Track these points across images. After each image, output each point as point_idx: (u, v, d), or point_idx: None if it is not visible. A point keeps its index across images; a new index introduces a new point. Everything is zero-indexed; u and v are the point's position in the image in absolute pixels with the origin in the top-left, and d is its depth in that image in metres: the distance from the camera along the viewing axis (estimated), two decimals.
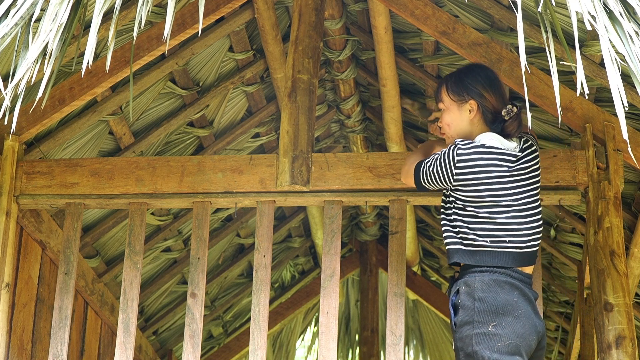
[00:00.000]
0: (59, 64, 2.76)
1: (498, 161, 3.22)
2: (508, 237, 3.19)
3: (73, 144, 4.41)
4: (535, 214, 3.24)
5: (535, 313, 3.17)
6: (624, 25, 2.67)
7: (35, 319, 4.30)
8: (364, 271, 6.70)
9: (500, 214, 3.20)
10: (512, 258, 3.18)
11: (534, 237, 3.23)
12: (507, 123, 3.28)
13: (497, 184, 3.21)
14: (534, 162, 3.29)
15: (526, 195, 3.24)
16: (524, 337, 3.10)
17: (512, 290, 3.14)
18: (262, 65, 4.86)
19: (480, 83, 3.31)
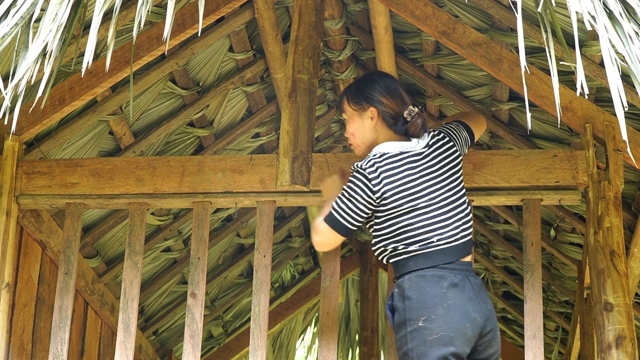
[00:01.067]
0: (59, 64, 2.76)
1: (402, 165, 3.27)
2: (436, 237, 3.21)
3: (73, 144, 4.41)
4: (458, 206, 3.27)
5: (471, 300, 3.15)
6: (624, 25, 2.67)
7: (36, 319, 4.30)
8: (364, 271, 6.70)
9: (421, 216, 3.23)
10: (445, 254, 3.20)
11: (463, 228, 3.25)
12: (410, 123, 3.35)
13: (409, 188, 3.25)
14: (447, 154, 3.33)
15: (444, 189, 3.27)
16: (455, 327, 3.10)
17: (439, 282, 3.15)
18: (262, 65, 4.86)
19: (377, 90, 3.40)
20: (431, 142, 3.34)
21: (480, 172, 3.62)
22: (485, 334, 3.17)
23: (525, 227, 3.59)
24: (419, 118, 3.36)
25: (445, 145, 3.36)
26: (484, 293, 3.24)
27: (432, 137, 3.36)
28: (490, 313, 3.20)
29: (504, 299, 6.31)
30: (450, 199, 3.27)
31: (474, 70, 4.62)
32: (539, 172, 3.59)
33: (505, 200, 3.67)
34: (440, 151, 3.33)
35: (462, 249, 3.24)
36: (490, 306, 3.23)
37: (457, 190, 3.30)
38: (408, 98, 3.42)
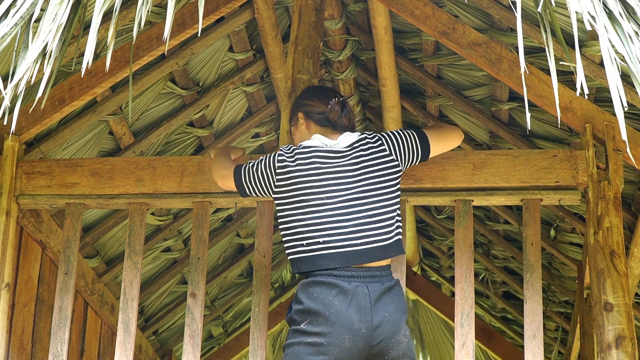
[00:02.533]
0: (59, 64, 2.76)
1: (313, 158, 3.28)
2: (322, 238, 3.17)
3: (73, 144, 4.41)
4: (371, 209, 3.21)
5: (361, 310, 3.08)
6: (624, 25, 2.67)
7: (35, 319, 4.30)
8: None
9: (313, 213, 3.20)
10: (332, 259, 3.15)
11: (373, 234, 3.18)
12: (328, 112, 3.39)
13: (308, 182, 3.24)
14: (373, 158, 3.31)
15: (354, 191, 3.23)
16: (332, 337, 3.05)
17: (328, 288, 3.10)
18: (262, 65, 4.86)
19: (301, 98, 3.53)
20: (357, 144, 3.32)
21: (480, 172, 3.62)
22: (375, 344, 3.10)
23: (525, 227, 3.59)
24: (337, 105, 3.40)
25: (375, 149, 3.33)
26: (389, 300, 3.15)
27: (362, 140, 3.34)
28: (386, 321, 3.11)
29: (504, 299, 6.32)
30: (360, 201, 3.21)
31: (474, 70, 4.62)
32: (539, 172, 3.59)
33: (505, 200, 3.67)
34: (365, 154, 3.31)
35: (365, 254, 3.16)
36: (391, 314, 3.13)
37: (376, 194, 3.24)
38: (334, 94, 3.46)
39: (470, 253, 3.58)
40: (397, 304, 3.16)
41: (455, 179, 3.62)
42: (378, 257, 3.18)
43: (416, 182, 3.64)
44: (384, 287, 3.15)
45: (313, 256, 3.17)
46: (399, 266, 3.60)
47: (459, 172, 3.63)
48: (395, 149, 3.36)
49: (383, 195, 3.26)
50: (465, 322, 3.50)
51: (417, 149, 3.41)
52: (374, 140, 3.35)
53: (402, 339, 3.13)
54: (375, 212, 3.22)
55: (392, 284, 3.18)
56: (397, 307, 3.15)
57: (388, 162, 3.32)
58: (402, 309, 3.17)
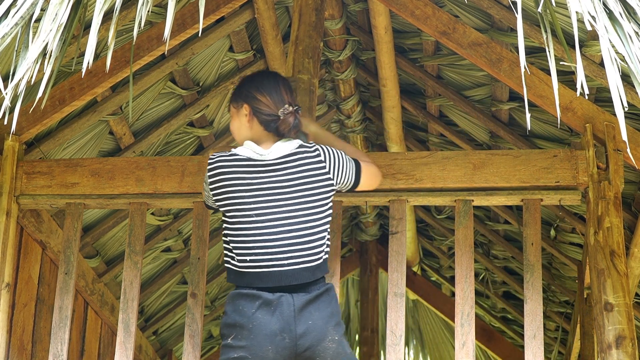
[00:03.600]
0: (59, 64, 2.76)
1: (240, 172, 3.15)
2: (250, 257, 3.11)
3: (73, 144, 4.41)
4: (299, 230, 3.12)
5: (285, 320, 3.06)
6: (624, 25, 2.67)
7: (36, 319, 4.30)
8: (364, 271, 6.71)
9: (243, 230, 3.13)
10: (259, 278, 3.10)
11: (294, 255, 3.11)
12: (280, 121, 3.19)
13: (236, 198, 3.14)
14: (310, 174, 3.17)
15: (287, 208, 3.13)
16: (255, 349, 3.04)
17: (252, 301, 3.08)
18: (262, 65, 4.86)
19: (254, 87, 3.25)
20: (293, 156, 3.17)
21: (480, 172, 3.62)
22: (301, 352, 3.08)
23: (525, 227, 3.59)
24: (290, 116, 3.18)
25: (313, 163, 3.18)
26: (315, 308, 3.11)
27: (300, 152, 3.18)
28: (310, 329, 3.08)
29: (504, 299, 6.32)
30: (290, 220, 3.12)
31: (474, 70, 4.62)
32: (539, 172, 3.59)
33: (505, 200, 3.67)
34: (300, 168, 3.17)
35: (292, 275, 3.10)
36: (316, 322, 3.09)
37: (307, 213, 3.13)
38: (290, 98, 3.24)
39: (470, 253, 3.58)
40: (322, 311, 3.10)
41: (455, 179, 3.62)
42: (305, 278, 3.11)
43: (416, 182, 3.64)
44: (310, 296, 3.10)
45: (241, 272, 3.13)
46: (399, 267, 3.61)
47: (459, 172, 3.63)
48: (333, 167, 3.21)
49: (315, 214, 3.15)
50: (466, 322, 3.50)
51: (351, 177, 3.28)
52: (314, 154, 3.19)
53: (329, 345, 3.10)
54: (305, 232, 3.13)
55: (319, 292, 3.12)
56: (323, 313, 3.10)
57: (324, 180, 3.18)
58: (328, 315, 3.11)
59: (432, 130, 5.33)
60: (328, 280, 3.62)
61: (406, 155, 3.70)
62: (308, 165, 3.18)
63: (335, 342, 3.12)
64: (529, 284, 3.51)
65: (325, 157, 3.20)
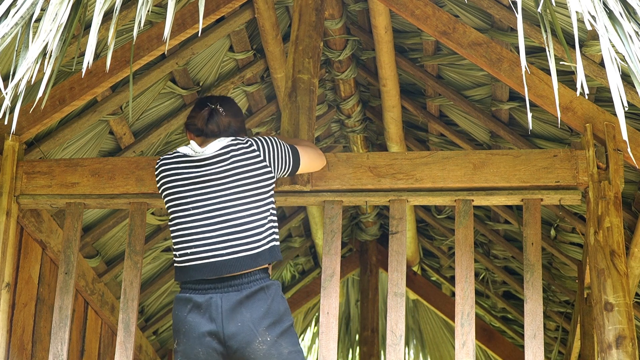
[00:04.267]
0: (59, 63, 2.76)
1: (179, 168, 3.27)
2: (191, 249, 3.17)
3: (73, 144, 4.41)
4: (236, 218, 3.18)
5: (213, 321, 3.10)
6: (624, 25, 2.67)
7: (36, 318, 4.30)
8: (364, 271, 6.70)
9: (183, 224, 3.22)
10: (198, 271, 3.16)
11: (233, 244, 3.16)
12: (199, 122, 3.34)
13: (176, 193, 3.25)
14: (245, 164, 3.25)
15: (221, 199, 3.20)
16: (187, 352, 3.12)
17: (184, 305, 3.15)
18: (262, 65, 4.86)
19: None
20: (227, 149, 3.26)
21: (480, 172, 3.62)
22: (232, 354, 3.11)
23: (525, 227, 3.59)
24: (205, 111, 3.34)
25: (247, 154, 3.28)
26: (246, 308, 3.13)
27: (233, 145, 3.28)
28: (239, 331, 3.10)
29: (504, 299, 6.32)
30: (226, 210, 3.19)
31: (474, 70, 4.62)
32: (539, 172, 3.59)
33: (505, 200, 3.67)
34: (235, 159, 3.26)
35: (232, 264, 3.14)
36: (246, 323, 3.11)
37: (244, 202, 3.20)
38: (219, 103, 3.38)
39: (470, 253, 3.58)
40: (254, 311, 3.12)
41: (455, 179, 3.62)
42: (246, 266, 3.15)
43: (416, 182, 3.64)
44: (241, 296, 3.13)
45: (184, 267, 3.20)
46: (399, 266, 3.61)
47: (459, 172, 3.63)
48: (268, 155, 3.31)
49: (254, 202, 3.22)
50: (466, 322, 3.50)
51: (289, 161, 3.38)
52: (247, 145, 3.29)
53: (258, 346, 3.10)
54: (243, 221, 3.18)
55: (252, 290, 3.13)
56: (254, 314, 3.12)
57: (260, 168, 3.27)
58: (260, 315, 3.12)
59: (432, 130, 5.33)
60: (328, 280, 3.62)
61: (406, 155, 3.70)
62: (242, 156, 3.27)
63: (266, 343, 3.11)
64: (529, 284, 3.51)
65: (259, 146, 3.31)
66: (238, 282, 3.15)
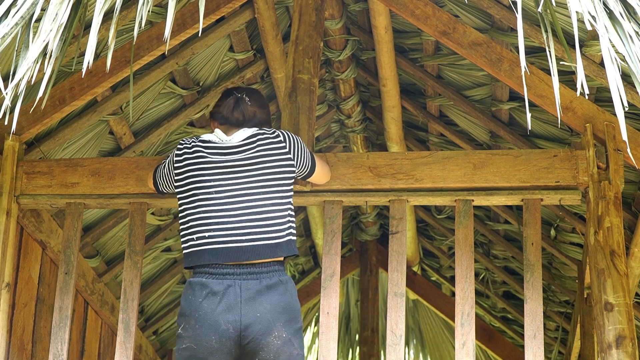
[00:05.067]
0: (59, 64, 2.76)
1: (205, 153, 3.27)
2: (208, 232, 3.17)
3: (73, 144, 4.41)
4: (258, 206, 3.19)
5: (230, 310, 3.07)
6: (624, 25, 2.67)
7: (36, 318, 4.31)
8: (364, 271, 6.71)
9: (201, 207, 3.20)
10: (216, 255, 3.15)
11: (253, 232, 3.16)
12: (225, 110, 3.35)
13: (197, 176, 3.24)
14: (271, 155, 3.26)
15: (244, 186, 3.21)
16: (200, 340, 3.08)
17: (200, 290, 3.12)
18: (262, 65, 4.86)
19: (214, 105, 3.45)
20: (253, 138, 3.28)
21: (480, 172, 3.62)
22: (245, 344, 3.08)
23: (525, 227, 3.59)
24: (231, 100, 3.36)
25: (274, 144, 3.29)
26: (266, 299, 3.10)
27: (260, 134, 3.30)
28: (257, 321, 3.08)
29: (504, 299, 6.32)
30: (250, 197, 3.20)
31: (474, 70, 4.62)
32: (539, 172, 3.59)
33: (505, 200, 3.67)
34: (261, 148, 3.27)
35: (250, 251, 3.14)
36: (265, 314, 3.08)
37: (268, 191, 3.21)
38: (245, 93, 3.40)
39: (470, 253, 3.58)
40: (274, 304, 3.10)
41: (455, 179, 3.62)
42: (264, 255, 3.15)
43: (416, 182, 3.64)
44: (261, 286, 3.11)
45: (199, 250, 3.18)
46: (399, 266, 3.61)
47: (459, 172, 3.63)
48: (293, 150, 3.33)
49: (276, 192, 3.23)
50: (466, 322, 3.50)
51: (309, 163, 3.40)
52: (274, 136, 3.30)
53: (273, 341, 3.08)
54: (265, 210, 3.19)
55: (272, 282, 3.12)
56: (274, 306, 3.10)
57: (285, 160, 3.29)
58: (279, 309, 3.10)
59: (432, 130, 5.33)
60: (328, 280, 3.62)
61: (406, 155, 3.70)
62: (268, 145, 3.28)
63: (281, 339, 3.09)
64: (529, 284, 3.51)
65: (286, 139, 3.32)
66: (257, 270, 3.13)
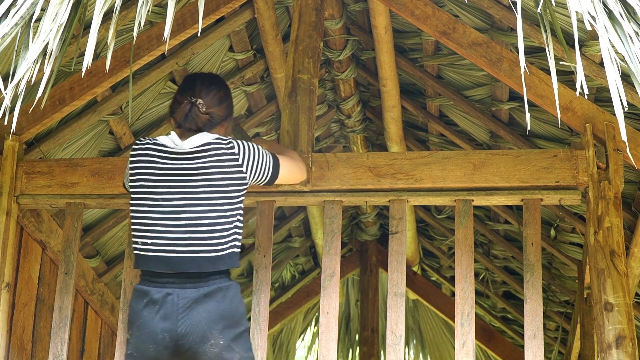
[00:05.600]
0: (59, 63, 2.76)
1: (155, 157, 3.22)
2: (152, 239, 3.15)
3: (73, 144, 4.41)
4: (202, 217, 3.15)
5: (167, 318, 3.08)
6: (624, 25, 2.67)
7: (36, 318, 4.31)
8: (364, 271, 6.71)
9: (148, 213, 3.18)
10: (158, 262, 3.14)
11: (194, 243, 3.13)
12: (178, 116, 3.26)
13: (146, 180, 3.21)
14: (221, 165, 3.20)
15: (191, 195, 3.17)
16: (140, 347, 3.10)
17: (141, 298, 3.13)
18: (262, 65, 4.86)
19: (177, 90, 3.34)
20: (206, 146, 3.20)
21: (480, 172, 3.62)
22: (183, 352, 3.09)
23: (525, 227, 3.59)
24: (186, 106, 3.24)
25: (226, 155, 3.21)
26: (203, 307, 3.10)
27: (214, 143, 3.21)
28: (193, 330, 3.07)
29: (504, 299, 6.32)
30: (195, 207, 3.15)
31: (474, 70, 4.62)
32: (539, 172, 3.59)
33: (505, 200, 3.67)
34: (212, 158, 3.20)
35: (189, 262, 3.12)
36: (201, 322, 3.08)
37: (214, 202, 3.16)
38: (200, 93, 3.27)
39: (470, 253, 3.58)
40: (210, 312, 3.10)
41: (455, 179, 3.62)
42: (203, 267, 3.13)
43: (416, 182, 3.64)
44: (198, 294, 3.11)
45: (143, 256, 3.18)
46: (399, 266, 3.61)
47: (459, 172, 3.63)
48: (246, 160, 3.25)
49: (222, 204, 3.18)
50: (466, 322, 3.50)
51: (267, 171, 3.32)
52: (228, 147, 3.22)
53: (210, 349, 3.07)
54: (208, 222, 3.16)
55: (210, 290, 3.11)
56: (211, 314, 3.09)
57: (236, 173, 3.21)
58: (216, 317, 3.10)
59: (432, 130, 5.33)
60: (328, 280, 3.62)
61: (406, 155, 3.70)
62: (220, 156, 3.21)
63: (219, 346, 3.09)
64: (529, 284, 3.51)
65: (239, 150, 3.24)
66: (196, 280, 3.13)
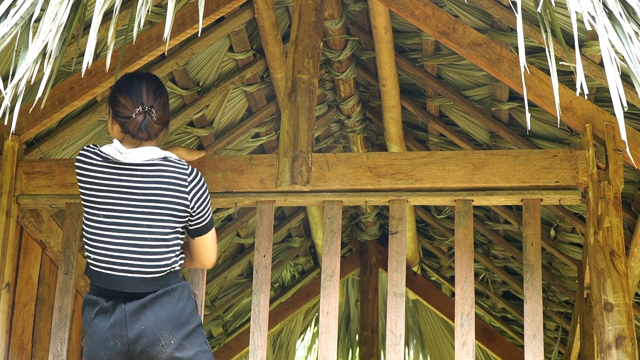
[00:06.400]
0: (59, 64, 2.76)
1: (99, 167, 3.19)
2: (96, 256, 3.16)
3: (73, 144, 4.41)
4: (142, 238, 3.14)
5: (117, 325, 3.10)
6: (624, 25, 2.67)
7: (35, 319, 4.30)
8: (364, 271, 6.71)
9: (96, 228, 3.18)
10: (103, 279, 3.15)
11: (130, 263, 3.14)
12: (129, 121, 3.20)
13: (91, 193, 3.19)
14: (170, 183, 3.17)
15: (137, 212, 3.15)
16: (93, 355, 3.15)
17: (92, 307, 3.17)
18: (262, 65, 4.86)
19: (117, 87, 3.27)
20: (159, 164, 3.19)
21: (480, 172, 3.62)
22: (136, 356, 3.12)
23: (525, 227, 3.59)
24: (140, 115, 3.19)
25: (179, 179, 3.19)
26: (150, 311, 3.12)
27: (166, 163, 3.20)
28: (143, 334, 3.10)
29: (504, 299, 6.32)
30: (136, 227, 3.15)
31: (474, 70, 4.62)
32: (539, 172, 3.59)
33: (505, 200, 3.67)
34: (161, 179, 3.18)
35: (124, 282, 3.13)
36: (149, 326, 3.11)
37: (156, 224, 3.15)
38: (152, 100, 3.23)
39: (470, 253, 3.58)
40: (158, 315, 3.12)
41: (455, 179, 3.63)
42: (137, 288, 3.14)
43: (416, 182, 3.64)
44: (143, 300, 3.13)
45: (89, 268, 3.21)
46: (399, 266, 3.61)
47: (459, 172, 3.63)
48: (194, 193, 3.23)
49: (163, 227, 3.17)
50: (466, 322, 3.50)
51: (204, 218, 3.29)
52: (182, 170, 3.21)
53: (162, 350, 3.11)
54: (147, 243, 3.15)
55: (157, 295, 3.13)
56: (158, 317, 3.12)
57: (182, 198, 3.19)
58: (164, 319, 3.12)
59: (432, 130, 5.33)
60: (328, 280, 3.62)
61: (406, 155, 3.70)
62: (170, 178, 3.19)
63: (170, 346, 3.11)
64: (529, 284, 3.51)
65: (193, 179, 3.23)
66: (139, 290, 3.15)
